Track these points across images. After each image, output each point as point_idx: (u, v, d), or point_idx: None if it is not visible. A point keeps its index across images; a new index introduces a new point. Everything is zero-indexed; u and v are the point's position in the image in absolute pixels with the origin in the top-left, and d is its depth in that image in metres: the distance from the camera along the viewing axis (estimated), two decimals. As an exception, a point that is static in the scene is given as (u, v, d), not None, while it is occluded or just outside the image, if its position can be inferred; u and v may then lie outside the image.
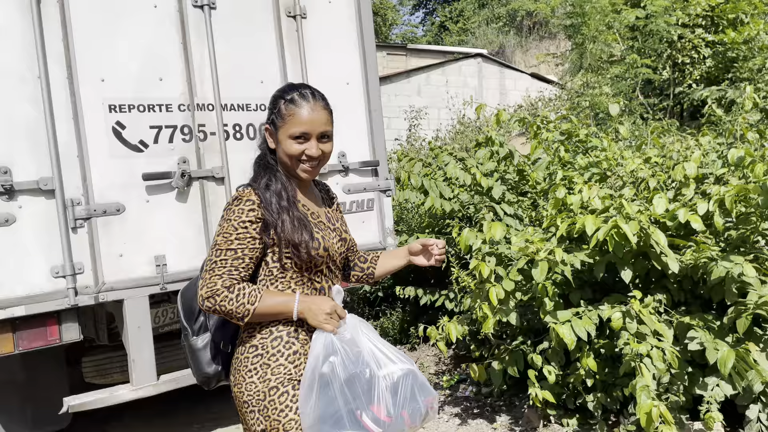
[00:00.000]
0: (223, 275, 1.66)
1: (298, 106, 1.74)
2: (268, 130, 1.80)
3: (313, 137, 1.75)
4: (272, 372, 1.71)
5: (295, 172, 1.79)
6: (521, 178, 4.88)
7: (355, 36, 3.71)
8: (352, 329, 1.71)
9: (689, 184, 3.35)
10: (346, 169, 3.64)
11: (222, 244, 1.68)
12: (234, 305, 1.65)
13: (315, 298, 1.75)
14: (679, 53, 8.94)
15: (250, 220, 1.69)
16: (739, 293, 2.96)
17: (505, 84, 14.58)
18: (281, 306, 1.71)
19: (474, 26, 30.09)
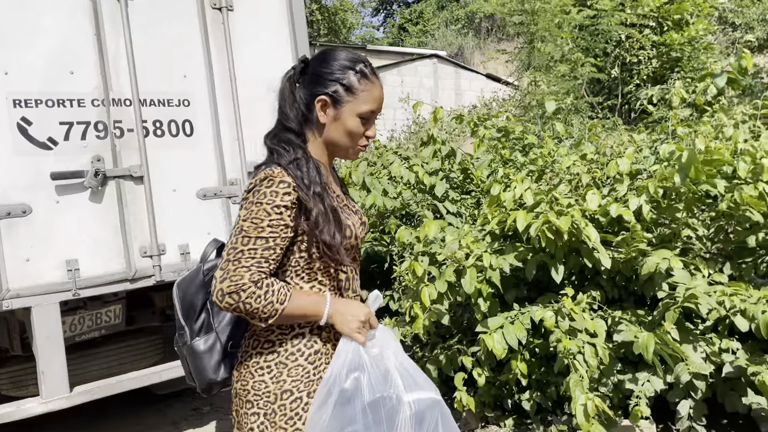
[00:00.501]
0: (251, 267, 1.41)
1: (371, 81, 1.54)
2: (323, 101, 1.52)
3: (374, 117, 1.59)
4: (289, 373, 1.52)
5: (345, 152, 1.60)
6: (466, 176, 4.84)
7: (286, 30, 3.58)
8: (382, 344, 1.55)
9: (623, 180, 3.34)
10: (277, 167, 3.51)
11: (251, 231, 1.43)
12: (261, 303, 1.41)
13: (348, 303, 1.56)
14: (626, 53, 9.08)
15: (285, 205, 1.44)
16: (670, 287, 2.95)
17: (461, 84, 14.62)
18: (311, 308, 1.50)
19: (433, 28, 30.25)
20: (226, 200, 3.32)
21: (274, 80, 3.46)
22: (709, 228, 3.13)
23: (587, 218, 3.15)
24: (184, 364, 1.66)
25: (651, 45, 8.92)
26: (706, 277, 3.04)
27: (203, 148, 3.27)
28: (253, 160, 3.41)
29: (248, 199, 1.47)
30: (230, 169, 3.34)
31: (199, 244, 3.23)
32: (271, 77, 3.52)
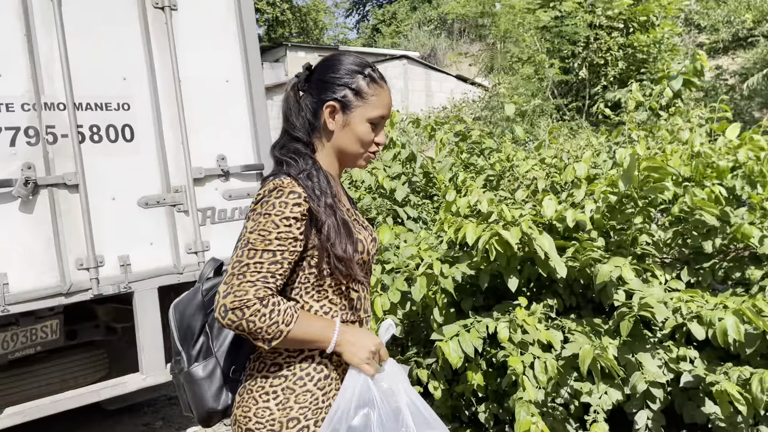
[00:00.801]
0: (257, 282, 1.32)
1: (380, 86, 1.47)
2: (332, 107, 1.46)
3: (384, 122, 1.51)
4: (296, 399, 1.42)
5: (354, 160, 1.52)
6: (428, 180, 4.75)
7: (234, 30, 3.45)
8: (391, 378, 1.44)
9: (580, 185, 3.27)
10: (226, 173, 3.37)
11: (258, 244, 1.34)
12: (266, 323, 1.31)
13: (358, 331, 1.47)
14: (594, 54, 9.11)
15: (294, 217, 1.36)
16: (627, 295, 2.89)
17: (431, 86, 14.57)
18: (318, 333, 1.40)
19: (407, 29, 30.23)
20: (170, 208, 3.17)
21: (222, 81, 3.42)
22: (666, 233, 3.07)
23: (543, 225, 3.08)
24: (181, 392, 1.55)
25: (618, 47, 8.96)
26: (663, 283, 2.99)
27: (145, 154, 3.12)
28: (200, 165, 3.27)
29: (256, 210, 1.38)
30: (175, 175, 3.20)
31: (141, 255, 3.10)
32: (218, 78, 3.43)
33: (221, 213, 3.35)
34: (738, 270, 2.94)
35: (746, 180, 2.84)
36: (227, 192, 3.38)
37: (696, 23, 12.04)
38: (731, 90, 7.91)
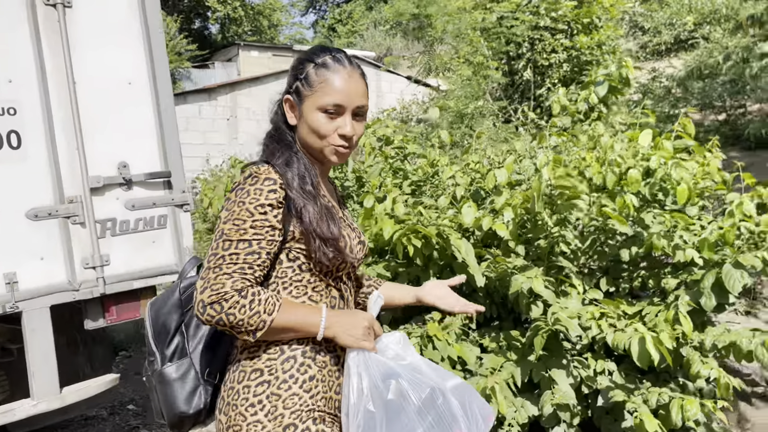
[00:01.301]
0: (233, 274, 1.26)
1: (332, 71, 1.40)
2: (288, 101, 1.44)
3: (348, 111, 1.41)
4: (284, 405, 1.32)
5: (320, 154, 1.44)
6: (360, 185, 4.61)
7: (138, 28, 3.24)
8: (395, 344, 1.40)
9: (501, 192, 3.18)
10: (128, 181, 3.16)
11: (232, 234, 1.28)
12: (246, 314, 1.24)
13: (346, 312, 1.41)
14: (539, 56, 9.11)
15: (270, 204, 1.30)
16: (545, 306, 2.81)
17: (381, 87, 14.46)
18: (304, 320, 1.33)
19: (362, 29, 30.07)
20: (63, 220, 2.95)
21: (124, 83, 3.20)
22: (584, 242, 3.00)
23: (464, 233, 2.98)
24: (153, 395, 1.47)
25: (562, 49, 8.98)
26: (581, 294, 2.92)
27: (34, 162, 2.89)
28: (98, 174, 3.05)
29: (230, 198, 1.33)
30: (69, 185, 2.97)
31: (30, 271, 2.86)
32: (119, 80, 3.21)
33: (123, 224, 3.14)
34: (655, 278, 2.89)
35: (657, 187, 2.78)
36: (130, 202, 3.17)
37: (640, 26, 12.22)
38: (668, 92, 8.03)
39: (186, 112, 11.98)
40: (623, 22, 12.09)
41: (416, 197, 3.63)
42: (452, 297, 1.77)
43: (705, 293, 2.47)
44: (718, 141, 3.22)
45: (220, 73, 21.44)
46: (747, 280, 2.38)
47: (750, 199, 2.71)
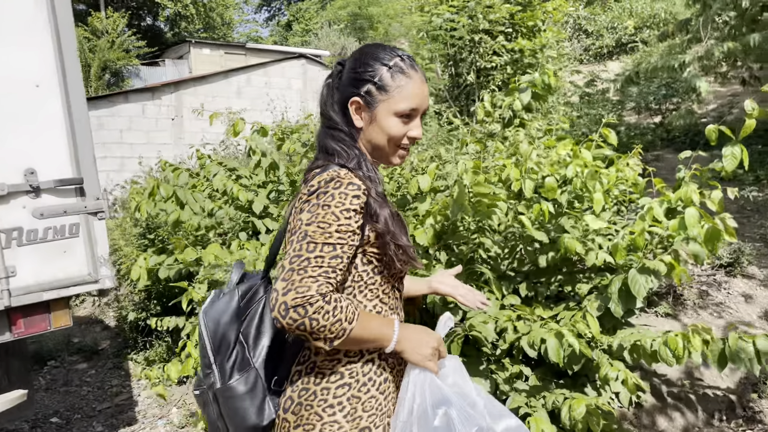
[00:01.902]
0: (319, 278, 1.24)
1: (407, 76, 1.40)
2: (356, 103, 1.42)
3: (419, 115, 1.43)
4: (363, 407, 1.35)
5: (385, 157, 1.46)
6: (294, 189, 4.54)
7: (45, 26, 3.09)
8: (454, 373, 1.40)
9: (425, 198, 3.17)
10: (35, 189, 3.02)
11: (317, 237, 1.26)
12: (329, 320, 1.24)
13: (417, 329, 1.41)
14: (481, 58, 9.19)
15: (354, 209, 1.30)
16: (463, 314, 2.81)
17: (331, 86, 14.35)
18: (378, 331, 1.34)
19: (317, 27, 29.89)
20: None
21: (30, 86, 3.06)
22: (503, 248, 3.01)
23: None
24: (210, 410, 1.42)
25: (505, 51, 9.08)
26: (500, 299, 2.93)
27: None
28: (2, 182, 2.91)
29: (311, 201, 1.31)
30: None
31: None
32: (24, 82, 3.06)
33: (31, 233, 3.00)
34: (571, 284, 2.92)
35: (573, 195, 2.81)
36: (38, 210, 3.03)
37: (584, 29, 12.48)
38: (602, 95, 8.21)
39: (129, 112, 11.66)
40: (567, 26, 12.32)
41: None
42: (464, 287, 1.85)
43: (613, 299, 2.50)
44: (644, 145, 3.27)
45: (171, 70, 21.02)
46: (652, 285, 2.42)
47: (659, 203, 2.76)
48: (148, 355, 4.98)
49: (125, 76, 21.97)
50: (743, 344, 2.40)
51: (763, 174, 5.60)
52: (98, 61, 20.99)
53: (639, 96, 7.99)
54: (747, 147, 2.46)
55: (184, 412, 4.15)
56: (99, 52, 21.09)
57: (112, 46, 21.67)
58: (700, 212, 2.47)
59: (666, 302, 4.00)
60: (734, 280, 4.35)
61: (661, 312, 3.89)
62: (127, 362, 5.26)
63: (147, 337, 5.24)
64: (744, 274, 4.39)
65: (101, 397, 4.67)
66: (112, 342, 5.75)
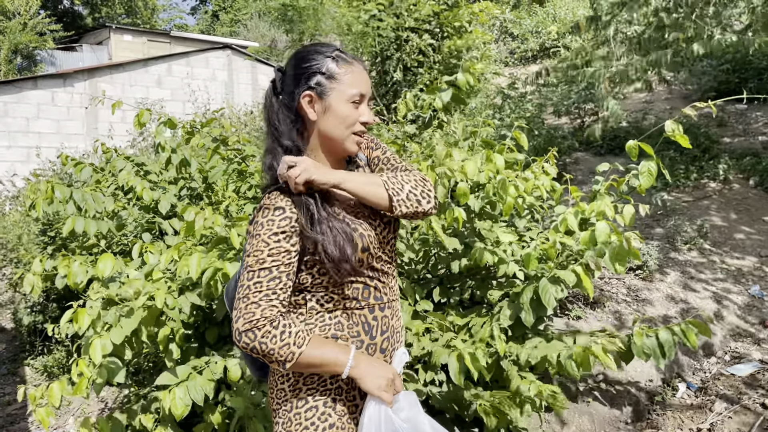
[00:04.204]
0: (261, 302, 1.35)
1: (350, 63, 1.45)
2: (309, 96, 1.44)
3: (365, 100, 1.48)
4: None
5: (343, 146, 1.47)
6: (208, 187, 4.33)
7: None
8: (408, 408, 1.43)
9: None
10: None
11: (254, 265, 1.37)
12: (277, 344, 1.34)
13: (374, 359, 1.45)
14: (408, 56, 9.17)
15: (283, 231, 1.38)
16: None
17: (258, 79, 14.02)
18: (331, 356, 1.39)
19: (246, 18, 29.16)
20: None
21: None
22: (417, 254, 2.95)
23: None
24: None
25: (432, 50, 9.11)
26: (412, 305, 2.87)
27: None
28: None
29: (249, 232, 1.42)
30: None
31: None
32: None
33: None
34: (483, 290, 2.90)
35: (486, 201, 2.78)
36: None
37: (510, 32, 12.72)
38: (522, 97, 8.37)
39: (37, 99, 10.91)
40: (494, 28, 12.52)
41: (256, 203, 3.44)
42: None
43: (524, 308, 2.48)
44: (563, 148, 3.28)
45: (89, 56, 19.96)
46: (561, 294, 2.42)
47: (574, 214, 2.77)
48: (47, 361, 4.64)
49: (37, 60, 20.71)
50: (647, 339, 2.45)
51: (673, 180, 5.83)
52: (8, 43, 19.68)
53: (559, 99, 8.18)
54: (658, 153, 2.50)
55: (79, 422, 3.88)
56: (9, 34, 19.79)
57: (24, 28, 20.37)
58: (611, 226, 2.48)
59: (578, 305, 4.08)
60: (644, 282, 4.49)
61: (573, 315, 3.95)
62: (23, 368, 4.89)
63: (46, 342, 4.89)
64: (654, 275, 4.55)
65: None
66: (8, 346, 5.34)
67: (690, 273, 4.65)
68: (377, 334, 1.52)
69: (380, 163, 1.61)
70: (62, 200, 3.72)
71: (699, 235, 5.05)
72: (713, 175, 6.47)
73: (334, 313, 1.49)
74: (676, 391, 3.52)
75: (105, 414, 4.10)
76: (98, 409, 4.13)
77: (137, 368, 3.42)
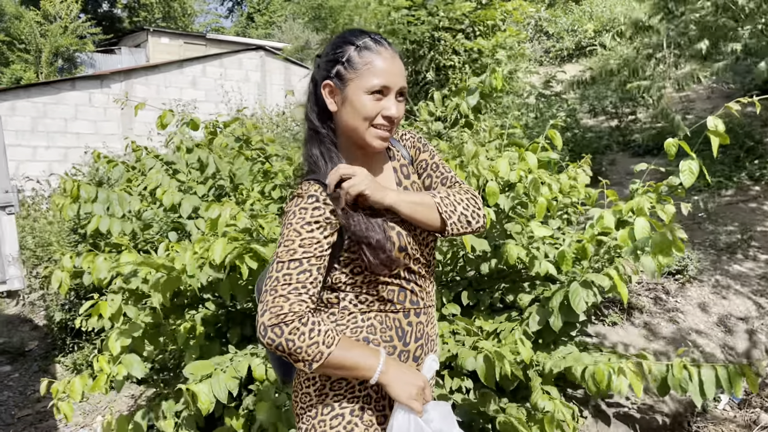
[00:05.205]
0: (290, 296, 1.28)
1: (375, 52, 1.37)
2: (328, 86, 1.39)
3: (392, 93, 1.38)
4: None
5: (364, 140, 1.40)
6: (235, 187, 4.31)
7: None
8: (440, 419, 1.34)
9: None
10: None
11: (283, 256, 1.31)
12: (305, 342, 1.27)
13: (405, 367, 1.37)
14: (441, 56, 9.06)
15: (316, 221, 1.32)
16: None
17: (291, 80, 14.07)
18: (361, 360, 1.31)
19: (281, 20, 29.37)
20: None
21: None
22: (445, 255, 2.86)
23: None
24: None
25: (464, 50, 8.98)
26: (439, 308, 2.78)
27: None
28: None
29: (282, 221, 1.38)
30: None
31: None
32: None
33: None
34: (514, 293, 2.78)
35: (517, 201, 2.67)
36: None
37: (545, 30, 12.48)
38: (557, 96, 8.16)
39: (75, 100, 11.14)
40: (529, 27, 12.31)
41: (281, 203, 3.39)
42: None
43: (554, 312, 2.37)
44: (600, 148, 3.14)
45: (127, 59, 20.36)
46: (593, 299, 2.29)
47: (612, 213, 2.64)
48: (76, 358, 4.68)
49: (78, 63, 21.22)
50: (687, 373, 2.30)
51: (714, 181, 5.59)
52: (50, 46, 20.22)
53: (596, 99, 7.96)
54: (699, 153, 2.36)
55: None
56: (51, 37, 20.33)
57: (65, 31, 20.90)
58: (651, 222, 2.35)
59: (614, 311, 3.92)
60: (684, 287, 4.30)
61: (609, 321, 3.80)
62: (54, 365, 4.95)
63: (77, 339, 4.94)
64: (694, 281, 4.35)
65: (22, 404, 4.37)
66: (41, 343, 5.42)
67: (732, 280, 4.43)
68: (411, 341, 1.45)
69: (428, 168, 1.55)
70: (87, 200, 3.73)
71: (742, 239, 4.82)
72: (758, 176, 6.19)
73: (368, 314, 1.42)
74: (717, 403, 3.34)
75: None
76: (127, 408, 4.14)
77: (162, 366, 3.40)
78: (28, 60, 20.05)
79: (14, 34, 20.49)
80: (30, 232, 6.53)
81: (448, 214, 1.41)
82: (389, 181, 1.50)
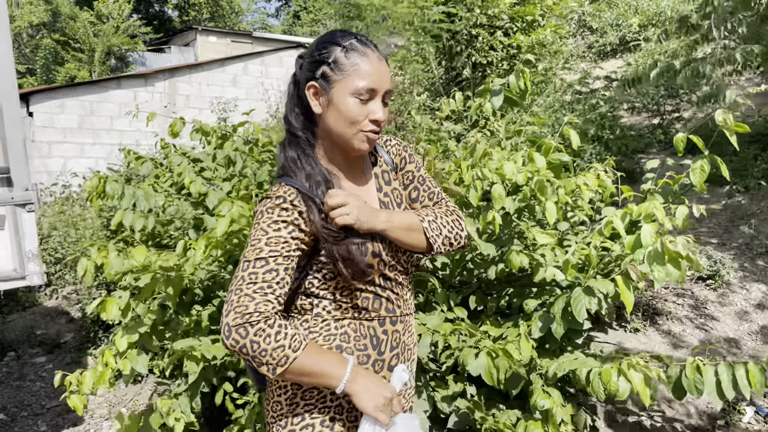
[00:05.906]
0: (255, 296, 1.24)
1: (362, 54, 1.34)
2: (313, 87, 1.36)
3: (379, 96, 1.35)
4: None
5: (349, 144, 1.37)
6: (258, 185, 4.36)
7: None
8: (406, 430, 1.31)
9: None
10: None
11: (250, 255, 1.28)
12: (271, 345, 1.22)
13: (373, 377, 1.33)
14: (477, 53, 8.94)
15: (284, 221, 1.30)
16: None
17: (330, 78, 14.11)
18: (327, 367, 1.28)
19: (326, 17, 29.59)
20: None
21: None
22: (452, 258, 2.81)
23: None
24: None
25: (501, 47, 8.83)
26: (445, 312, 2.73)
27: None
28: None
29: (252, 223, 1.37)
30: None
31: None
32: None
33: None
34: (520, 298, 2.71)
35: (524, 204, 2.60)
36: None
37: (588, 25, 12.16)
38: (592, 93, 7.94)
39: (120, 98, 11.49)
40: (572, 21, 12.02)
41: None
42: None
43: (555, 319, 2.29)
44: (640, 147, 3.02)
45: (177, 57, 20.86)
46: (596, 306, 2.21)
47: (622, 216, 2.54)
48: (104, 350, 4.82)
49: (129, 62, 21.86)
50: (702, 373, 2.19)
51: (753, 181, 5.33)
52: (102, 45, 20.89)
53: (637, 96, 7.71)
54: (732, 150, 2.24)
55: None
56: (103, 36, 21.00)
57: (117, 31, 21.56)
58: (656, 228, 2.24)
59: (636, 316, 3.78)
60: (715, 292, 4.12)
61: (631, 328, 3.67)
62: (86, 357, 5.11)
63: (108, 331, 5.08)
64: (727, 286, 4.16)
65: (52, 394, 4.52)
66: (76, 335, 5.60)
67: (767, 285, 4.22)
68: (386, 350, 1.42)
69: (415, 181, 1.54)
70: (112, 195, 3.82)
71: (784, 243, 4.58)
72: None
73: (342, 322, 1.40)
74: (742, 415, 3.18)
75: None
76: (145, 403, 4.24)
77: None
78: (82, 59, 20.76)
79: (69, 33, 21.25)
80: (72, 225, 6.78)
81: (434, 238, 1.41)
82: (370, 187, 1.48)
